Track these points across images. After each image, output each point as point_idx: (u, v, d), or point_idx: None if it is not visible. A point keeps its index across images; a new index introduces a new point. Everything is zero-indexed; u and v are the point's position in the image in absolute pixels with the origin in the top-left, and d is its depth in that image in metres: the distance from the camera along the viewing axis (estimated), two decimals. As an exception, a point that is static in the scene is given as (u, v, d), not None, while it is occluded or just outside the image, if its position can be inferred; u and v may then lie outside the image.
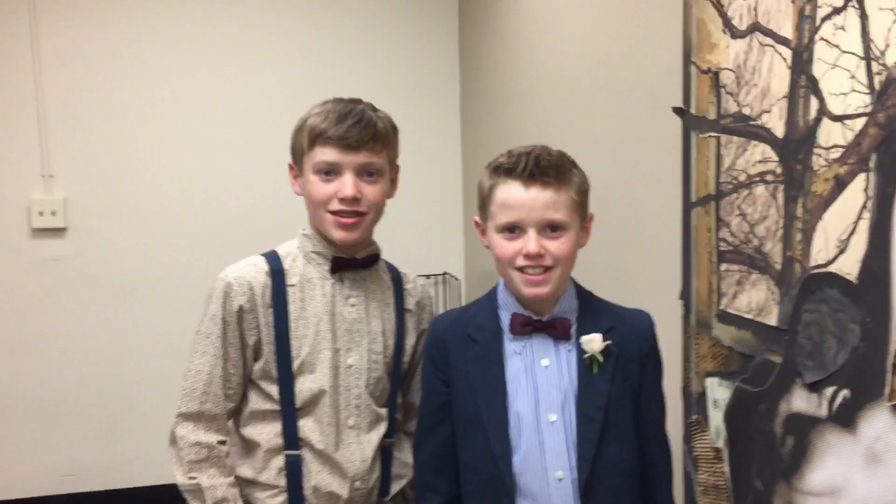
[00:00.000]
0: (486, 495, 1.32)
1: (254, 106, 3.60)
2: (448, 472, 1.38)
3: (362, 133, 1.44)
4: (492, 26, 3.22)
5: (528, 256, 1.26)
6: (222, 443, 1.48)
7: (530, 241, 1.26)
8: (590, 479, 1.27)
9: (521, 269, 1.28)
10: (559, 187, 1.28)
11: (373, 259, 1.57)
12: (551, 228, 1.28)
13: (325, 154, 1.45)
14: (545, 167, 1.27)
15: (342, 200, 1.44)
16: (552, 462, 1.28)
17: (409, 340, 1.61)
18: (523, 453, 1.29)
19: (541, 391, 1.30)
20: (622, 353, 1.32)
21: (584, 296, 1.38)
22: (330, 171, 1.45)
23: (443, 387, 1.38)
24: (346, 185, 1.44)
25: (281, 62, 3.64)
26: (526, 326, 1.32)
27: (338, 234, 1.47)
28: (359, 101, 1.50)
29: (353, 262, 1.53)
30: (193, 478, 1.44)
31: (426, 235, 3.84)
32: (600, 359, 1.29)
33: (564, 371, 1.31)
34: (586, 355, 1.30)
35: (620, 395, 1.30)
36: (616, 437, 1.29)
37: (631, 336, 1.34)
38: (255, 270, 1.49)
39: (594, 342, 1.29)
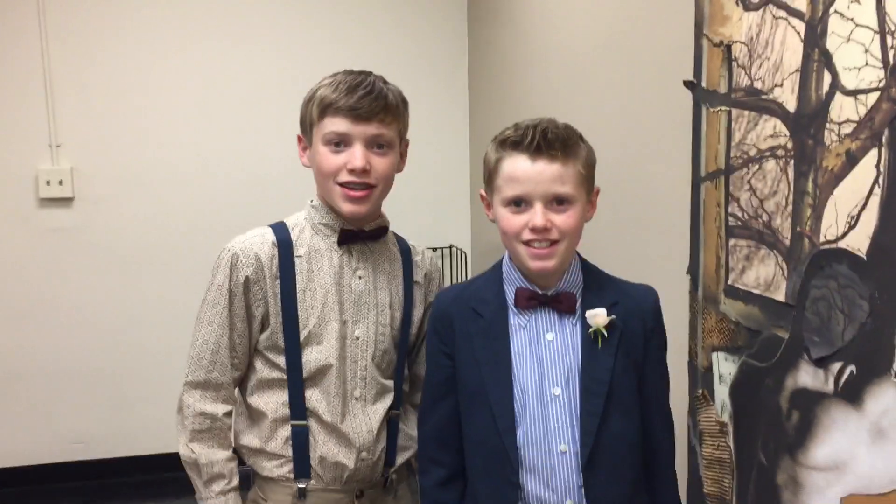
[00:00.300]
0: (490, 469, 1.32)
1: (261, 77, 3.59)
2: (452, 446, 1.39)
3: (373, 104, 1.44)
4: (501, -3, 3.20)
5: (534, 230, 1.26)
6: (227, 414, 1.50)
7: (537, 215, 1.26)
8: (592, 452, 1.27)
9: (527, 243, 1.28)
10: (566, 160, 1.27)
11: (381, 231, 1.57)
12: (558, 202, 1.27)
13: (335, 125, 1.44)
14: (552, 140, 1.26)
15: (351, 172, 1.44)
16: (556, 435, 1.29)
17: (417, 313, 1.62)
18: (527, 427, 1.30)
19: (545, 365, 1.31)
20: (626, 327, 1.32)
21: (589, 270, 1.38)
22: (339, 143, 1.45)
23: (447, 360, 1.38)
24: (356, 156, 1.43)
25: (288, 33, 3.62)
26: (531, 301, 1.33)
27: (346, 207, 1.47)
28: (369, 73, 1.49)
29: (361, 234, 1.53)
30: (193, 450, 1.46)
31: (433, 208, 3.84)
32: (605, 333, 1.30)
33: (569, 345, 1.31)
34: (591, 330, 1.30)
35: (624, 369, 1.31)
36: (619, 411, 1.30)
37: (635, 311, 1.34)
38: (261, 241, 1.49)
39: (599, 317, 1.30)
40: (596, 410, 1.28)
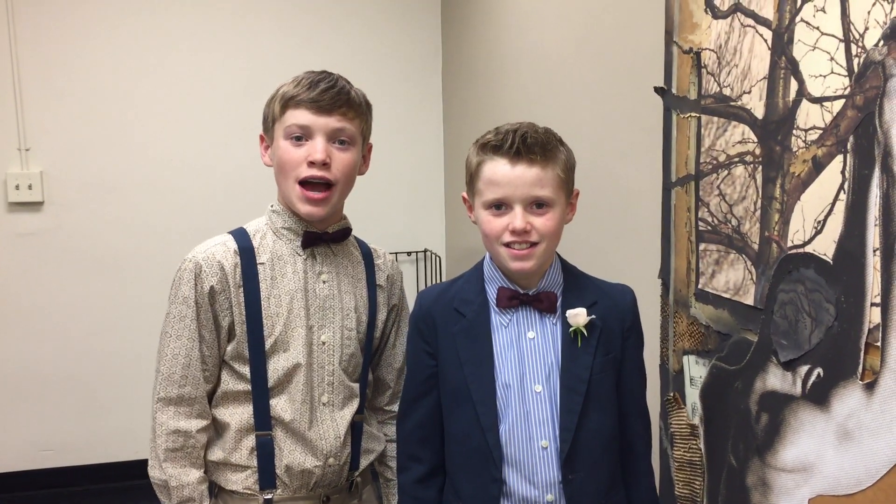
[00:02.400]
0: (472, 465, 1.34)
1: (232, 82, 3.57)
2: (432, 443, 1.41)
3: (335, 97, 1.43)
4: (473, 3, 3.20)
5: (514, 232, 1.28)
6: (201, 430, 1.46)
7: (517, 218, 1.28)
8: (571, 448, 1.30)
9: (507, 245, 1.30)
10: (545, 164, 1.29)
11: (344, 233, 1.55)
12: (537, 205, 1.29)
13: (297, 117, 1.43)
14: (532, 144, 1.28)
15: (311, 165, 1.42)
16: (537, 432, 1.31)
17: (380, 315, 1.61)
18: (510, 423, 1.32)
19: (526, 363, 1.33)
20: (605, 326, 1.35)
21: (568, 270, 1.40)
22: (301, 136, 1.43)
23: (429, 359, 1.40)
24: (317, 148, 1.42)
25: (260, 38, 3.60)
26: (513, 300, 1.34)
27: (304, 209, 1.44)
28: (332, 73, 1.49)
29: (325, 236, 1.51)
30: (165, 471, 1.43)
31: (408, 212, 3.84)
32: (584, 332, 1.32)
33: (549, 343, 1.34)
34: (571, 329, 1.32)
35: (603, 367, 1.33)
36: (597, 408, 1.32)
37: (614, 310, 1.37)
38: (224, 249, 1.46)
39: (579, 316, 1.32)
40: (575, 408, 1.30)
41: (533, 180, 1.28)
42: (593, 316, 1.33)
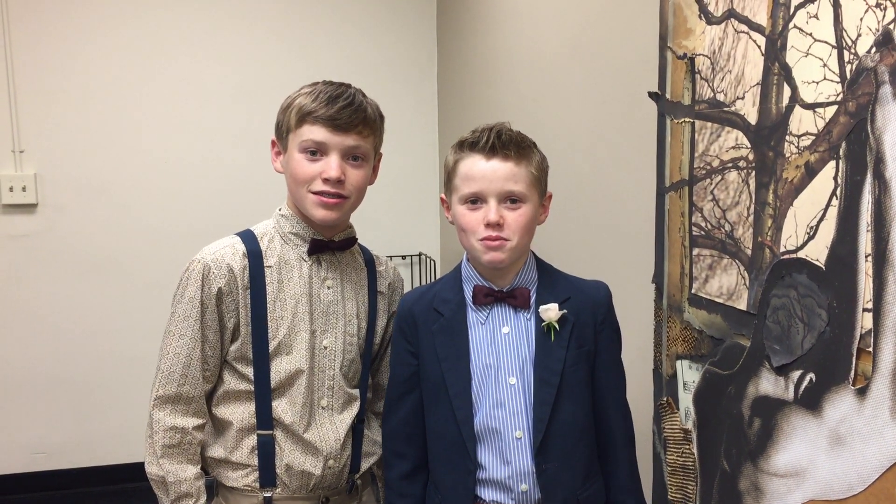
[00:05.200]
0: (450, 458, 1.39)
1: (227, 86, 3.57)
2: (415, 440, 1.45)
3: (352, 116, 1.44)
4: (469, 8, 3.21)
5: (488, 225, 1.33)
6: (197, 427, 1.47)
7: (491, 210, 1.33)
8: (544, 438, 1.34)
9: (482, 240, 1.35)
10: (519, 161, 1.35)
11: (349, 242, 1.58)
12: (511, 200, 1.35)
13: (313, 133, 1.44)
14: (506, 141, 1.35)
15: (326, 181, 1.44)
16: (511, 423, 1.36)
17: (380, 322, 1.63)
18: (484, 415, 1.36)
19: (501, 357, 1.38)
20: (578, 320, 1.39)
21: (543, 268, 1.45)
22: (316, 151, 1.45)
23: (411, 358, 1.44)
24: (332, 166, 1.44)
25: (255, 43, 3.60)
26: (488, 297, 1.40)
27: (318, 214, 1.46)
28: (349, 85, 1.50)
29: (331, 244, 1.53)
30: (162, 467, 1.43)
31: (402, 216, 3.85)
32: (556, 327, 1.37)
33: (523, 337, 1.39)
34: (544, 323, 1.37)
35: (576, 360, 1.38)
36: (570, 400, 1.37)
37: (587, 305, 1.41)
38: (232, 252, 1.48)
39: (551, 311, 1.37)
40: (548, 399, 1.35)
41: (507, 175, 1.34)
42: (565, 311, 1.37)
